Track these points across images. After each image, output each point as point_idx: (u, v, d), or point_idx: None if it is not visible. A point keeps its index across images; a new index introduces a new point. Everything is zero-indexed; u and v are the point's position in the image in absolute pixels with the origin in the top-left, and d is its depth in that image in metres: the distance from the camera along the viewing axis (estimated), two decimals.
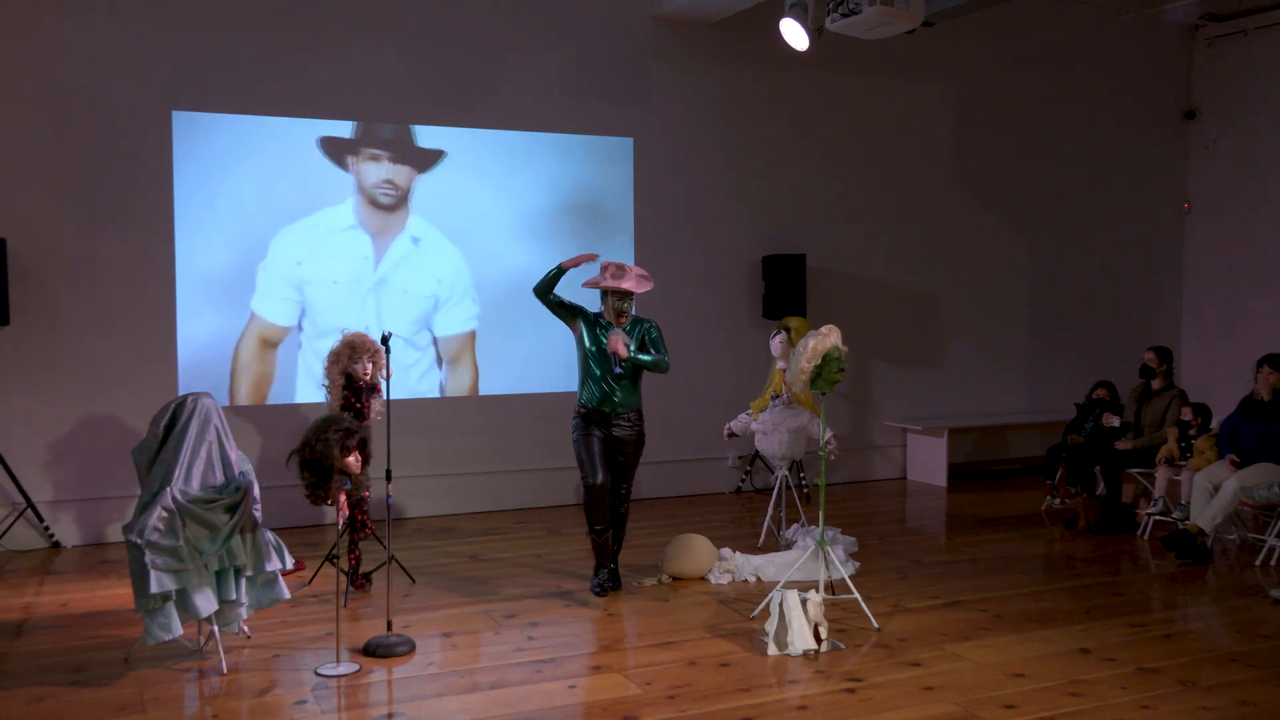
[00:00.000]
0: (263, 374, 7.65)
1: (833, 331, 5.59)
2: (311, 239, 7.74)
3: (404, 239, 7.99)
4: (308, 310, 7.72)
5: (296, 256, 7.67)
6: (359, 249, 7.87)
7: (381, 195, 7.89)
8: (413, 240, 8.00)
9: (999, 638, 5.30)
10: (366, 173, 7.88)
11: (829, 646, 5.08)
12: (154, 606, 4.64)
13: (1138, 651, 5.12)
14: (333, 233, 7.78)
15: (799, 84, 9.33)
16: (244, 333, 7.60)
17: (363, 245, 7.87)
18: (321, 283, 7.76)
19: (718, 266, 9.11)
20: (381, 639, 5.07)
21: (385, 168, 7.91)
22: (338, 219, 7.81)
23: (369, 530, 6.17)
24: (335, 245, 7.78)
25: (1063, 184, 10.58)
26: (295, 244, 7.69)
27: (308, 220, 7.74)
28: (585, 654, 5.10)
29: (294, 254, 7.67)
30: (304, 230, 7.73)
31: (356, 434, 5.04)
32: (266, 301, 7.64)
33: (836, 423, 9.24)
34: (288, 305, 7.70)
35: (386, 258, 7.91)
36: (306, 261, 7.70)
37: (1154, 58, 10.94)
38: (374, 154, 7.85)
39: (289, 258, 7.66)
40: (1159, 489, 7.65)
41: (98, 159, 7.26)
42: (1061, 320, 10.63)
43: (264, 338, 7.65)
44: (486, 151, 8.26)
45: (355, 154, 7.83)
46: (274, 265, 7.64)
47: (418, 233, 8.01)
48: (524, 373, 8.40)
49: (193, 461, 4.82)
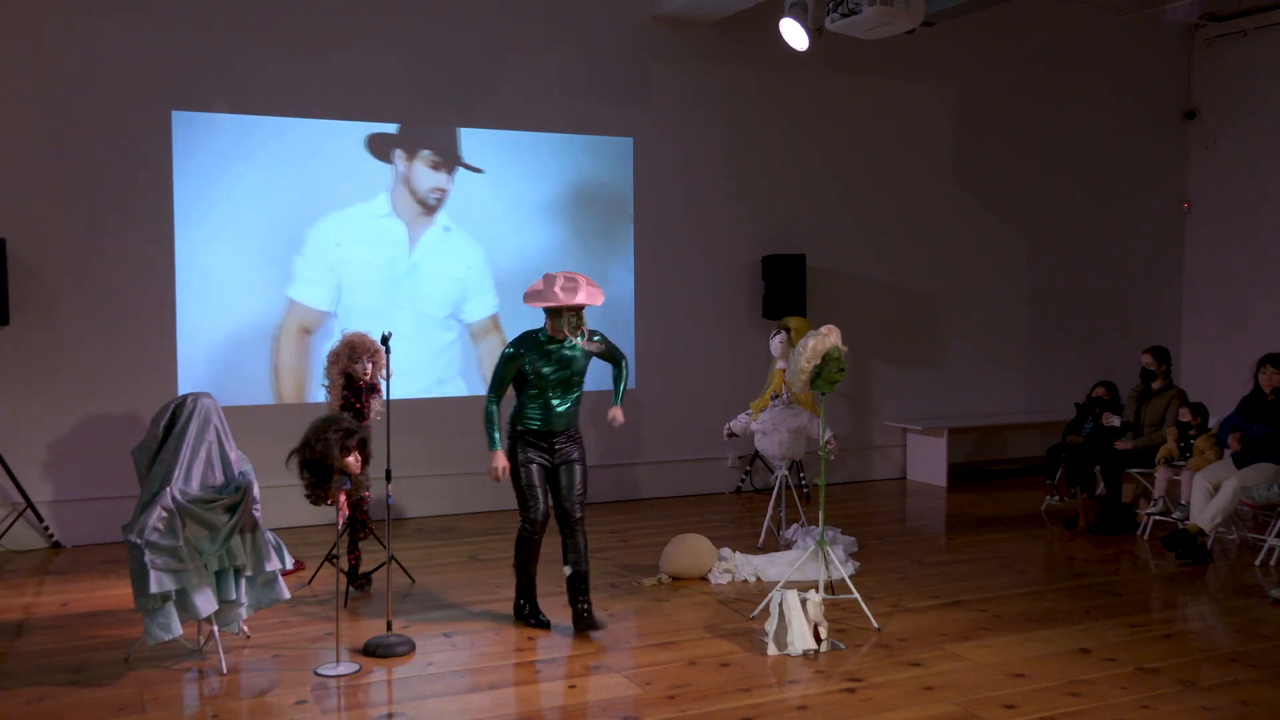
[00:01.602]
0: (300, 368, 7.81)
1: (832, 331, 5.59)
2: (345, 227, 7.93)
3: (436, 227, 8.16)
4: (343, 293, 7.90)
5: (335, 239, 7.89)
6: (393, 235, 8.06)
7: (431, 198, 8.13)
8: (444, 229, 8.16)
9: (999, 638, 5.30)
10: (418, 175, 8.08)
11: (829, 646, 5.08)
12: (154, 606, 4.64)
13: (1138, 651, 5.12)
14: (370, 219, 7.99)
15: (799, 84, 9.33)
16: (282, 325, 7.73)
17: (397, 231, 8.07)
18: (357, 263, 7.94)
19: (718, 266, 9.11)
20: (381, 639, 5.07)
21: (440, 176, 8.14)
22: (372, 210, 7.98)
23: (369, 530, 6.17)
24: (370, 230, 7.98)
25: (1063, 184, 10.59)
26: (333, 230, 7.90)
27: (338, 214, 7.91)
28: (585, 654, 5.09)
29: (332, 237, 7.89)
30: (337, 220, 7.92)
31: (356, 434, 5.03)
32: (304, 287, 7.80)
33: (836, 423, 9.24)
34: (325, 289, 7.86)
35: (420, 244, 8.11)
36: (344, 244, 7.92)
37: (1154, 58, 10.94)
38: (434, 160, 8.10)
39: (328, 240, 7.85)
40: (1159, 489, 7.65)
41: (98, 159, 7.26)
42: (1061, 320, 10.63)
43: (302, 325, 7.80)
44: (487, 152, 8.26)
45: (405, 153, 8.04)
46: (312, 250, 7.81)
47: (447, 222, 8.20)
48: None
49: (192, 461, 4.82)
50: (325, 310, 7.85)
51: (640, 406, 8.84)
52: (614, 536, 7.52)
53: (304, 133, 7.73)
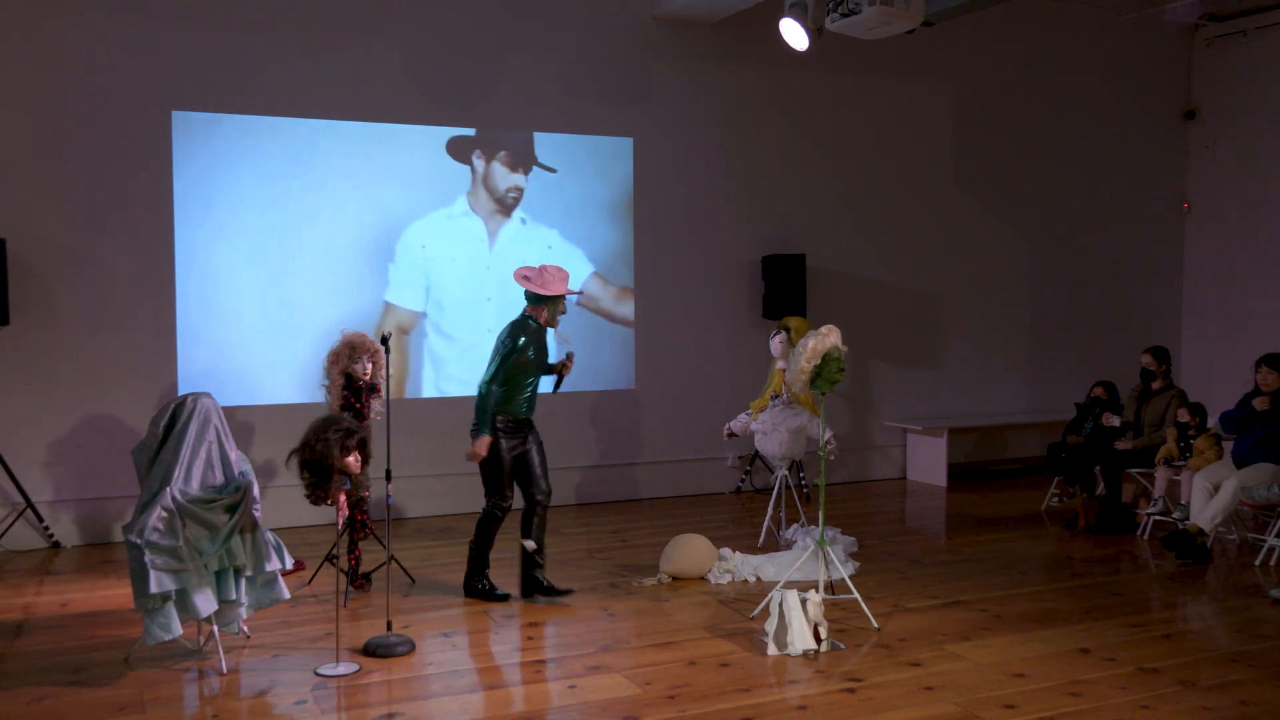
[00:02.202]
0: (402, 367, 8.08)
1: (832, 331, 5.59)
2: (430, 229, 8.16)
3: (514, 220, 8.36)
4: (431, 291, 8.16)
5: (420, 242, 8.12)
6: (474, 232, 8.29)
7: (510, 198, 8.32)
8: (521, 221, 8.35)
9: (999, 638, 5.31)
10: (497, 175, 8.28)
11: (829, 646, 5.08)
12: (154, 606, 4.64)
13: (1137, 651, 5.12)
14: (452, 218, 8.23)
15: (799, 84, 9.33)
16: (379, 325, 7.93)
17: (477, 228, 8.29)
18: (442, 261, 8.18)
19: (717, 266, 9.11)
20: (381, 639, 5.07)
21: (517, 177, 8.35)
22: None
23: (369, 530, 6.17)
24: (453, 229, 8.22)
25: (1063, 184, 10.59)
26: (420, 233, 8.13)
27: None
28: (585, 654, 5.09)
29: (419, 241, 8.12)
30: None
31: (356, 434, 5.04)
32: (398, 290, 8.06)
33: (836, 423, 9.24)
34: (416, 291, 8.13)
35: (500, 237, 8.30)
36: (430, 245, 8.15)
37: (1154, 58, 10.94)
38: (508, 159, 8.33)
39: (415, 245, 8.10)
40: (1159, 489, 7.65)
41: (98, 159, 7.26)
42: (1061, 320, 10.63)
43: (400, 326, 8.06)
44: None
45: (482, 155, 8.27)
46: (402, 255, 8.06)
47: (523, 213, 8.43)
48: None
49: (192, 461, 4.82)
50: (418, 310, 8.16)
51: (640, 406, 8.84)
52: (614, 536, 7.52)
53: (303, 133, 7.74)
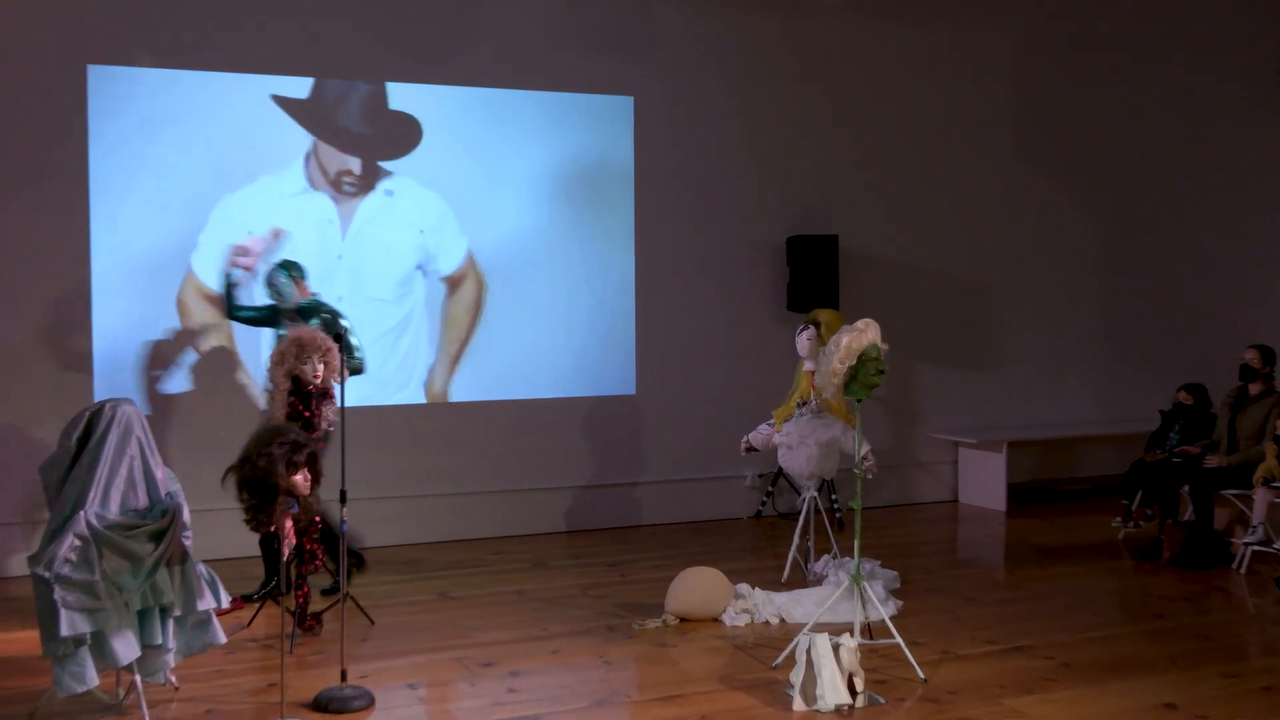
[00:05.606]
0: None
1: (870, 327, 5.59)
2: (260, 206, 7.82)
3: (375, 195, 8.13)
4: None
5: (245, 225, 7.66)
6: (320, 212, 7.99)
7: (347, 186, 8.07)
8: (386, 193, 8.15)
9: (1067, 690, 5.30)
10: (326, 157, 8.03)
11: (866, 700, 5.08)
12: (65, 652, 4.63)
13: (1232, 707, 5.11)
14: (284, 198, 7.90)
15: (830, 33, 9.33)
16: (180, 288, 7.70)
17: (323, 208, 8.00)
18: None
19: (734, 249, 9.12)
20: (335, 691, 5.07)
21: (349, 159, 8.06)
22: (286, 184, 7.94)
23: (319, 562, 6.17)
24: (289, 211, 7.85)
25: (1147, 154, 10.58)
26: (241, 212, 7.77)
27: (253, 187, 7.85)
28: (576, 709, 5.09)
29: (242, 223, 7.68)
30: (250, 196, 7.84)
31: (305, 448, 5.03)
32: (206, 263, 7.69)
33: (874, 435, 9.23)
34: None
35: (358, 216, 8.07)
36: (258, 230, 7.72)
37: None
38: (338, 137, 8.01)
39: (237, 226, 7.64)
40: (1258, 514, 7.64)
41: (2, 120, 7.27)
42: (1143, 316, 10.62)
43: (202, 292, 7.72)
44: (462, 114, 8.29)
45: (316, 125, 7.96)
46: (218, 235, 7.68)
47: (390, 185, 8.17)
48: (502, 375, 8.42)
49: (111, 480, 4.81)
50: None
51: (642, 415, 8.84)
52: (611, 570, 7.53)
53: (248, 91, 7.75)
